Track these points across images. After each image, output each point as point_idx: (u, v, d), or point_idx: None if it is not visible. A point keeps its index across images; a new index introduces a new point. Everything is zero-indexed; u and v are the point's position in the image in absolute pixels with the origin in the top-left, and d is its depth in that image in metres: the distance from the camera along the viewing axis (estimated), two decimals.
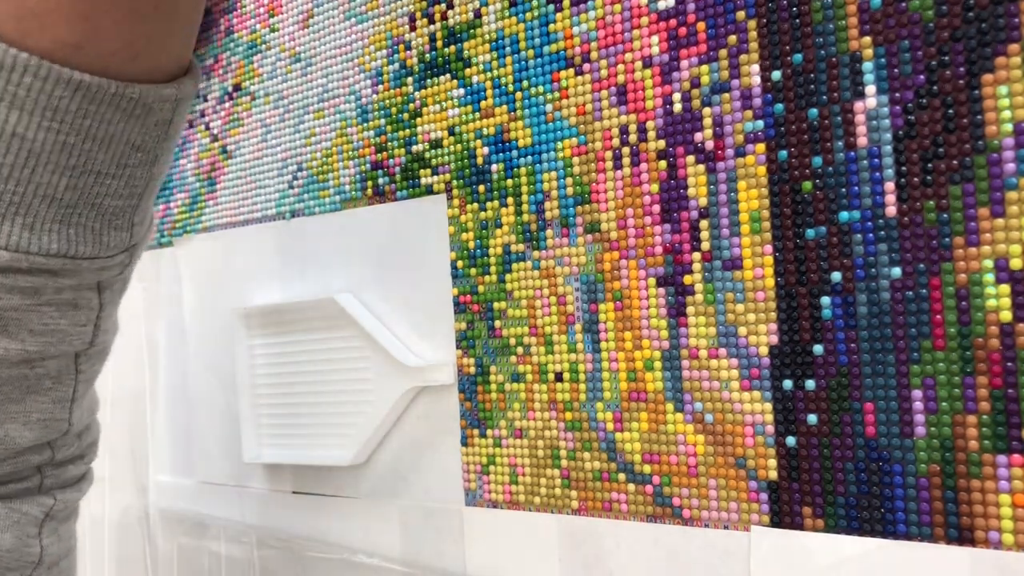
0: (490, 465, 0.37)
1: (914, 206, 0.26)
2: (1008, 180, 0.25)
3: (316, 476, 0.44)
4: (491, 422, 0.37)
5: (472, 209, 0.37)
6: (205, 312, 0.50)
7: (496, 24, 0.36)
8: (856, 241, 0.27)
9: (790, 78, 0.29)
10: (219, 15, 0.48)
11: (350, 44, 0.41)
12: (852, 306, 0.28)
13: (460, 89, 0.37)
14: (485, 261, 0.37)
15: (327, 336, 0.41)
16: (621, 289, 0.33)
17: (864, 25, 0.27)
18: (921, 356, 0.26)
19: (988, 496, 0.25)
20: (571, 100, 0.34)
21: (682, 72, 0.31)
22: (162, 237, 0.52)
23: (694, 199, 0.31)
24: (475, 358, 0.37)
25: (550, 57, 0.34)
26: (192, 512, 0.51)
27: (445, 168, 0.38)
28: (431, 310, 0.39)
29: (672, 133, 0.31)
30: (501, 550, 0.36)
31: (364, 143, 0.41)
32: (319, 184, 0.43)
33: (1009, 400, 0.25)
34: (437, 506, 0.39)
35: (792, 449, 0.29)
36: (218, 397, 0.49)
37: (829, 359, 0.28)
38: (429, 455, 0.39)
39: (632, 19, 0.32)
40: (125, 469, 0.56)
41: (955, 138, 0.26)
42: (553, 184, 0.35)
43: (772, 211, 0.29)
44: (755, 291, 0.30)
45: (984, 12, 0.25)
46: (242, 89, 0.47)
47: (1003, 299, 0.25)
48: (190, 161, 0.50)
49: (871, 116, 0.27)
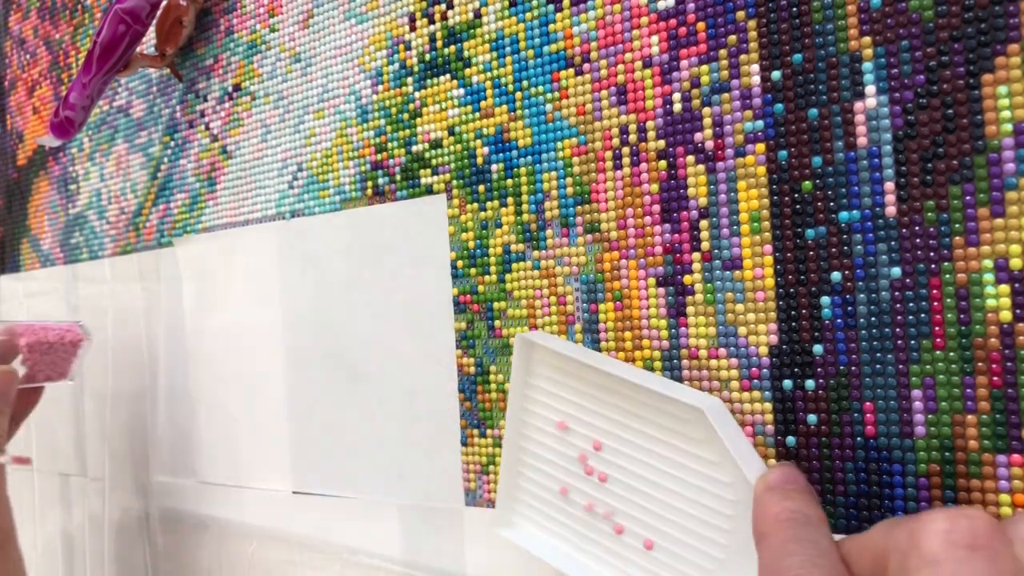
0: (490, 465, 0.37)
1: (914, 206, 0.26)
2: (1008, 180, 0.25)
3: (316, 476, 0.44)
4: (491, 422, 0.37)
5: (472, 209, 0.37)
6: (201, 311, 0.50)
7: (496, 24, 0.36)
8: (856, 241, 0.27)
9: (790, 78, 0.29)
10: (219, 15, 0.48)
11: (350, 44, 0.42)
12: (852, 306, 0.28)
13: (460, 89, 0.37)
14: (485, 261, 0.37)
15: (663, 428, 0.30)
16: (621, 289, 0.33)
17: (864, 25, 0.27)
18: (921, 356, 0.26)
19: (988, 496, 0.25)
20: (571, 100, 0.34)
21: (682, 72, 0.31)
22: (162, 237, 0.52)
23: (694, 199, 0.31)
24: (475, 358, 0.37)
25: (550, 57, 0.34)
26: (192, 512, 0.51)
27: (445, 168, 0.38)
28: (431, 310, 0.39)
29: (672, 133, 0.31)
30: (501, 550, 0.36)
31: (364, 143, 0.41)
32: (319, 184, 0.43)
33: (1009, 400, 0.25)
34: (437, 506, 0.39)
35: (792, 449, 0.29)
36: (219, 398, 0.49)
37: (829, 359, 0.28)
38: (429, 455, 0.39)
39: (632, 19, 0.32)
40: (125, 469, 0.56)
41: (955, 138, 0.26)
42: (553, 184, 0.35)
43: (772, 211, 0.29)
44: (755, 291, 0.30)
45: (984, 12, 0.25)
46: (242, 89, 0.47)
47: (1003, 299, 0.25)
48: (190, 161, 0.50)
49: (871, 116, 0.27)
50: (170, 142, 0.52)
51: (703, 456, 0.28)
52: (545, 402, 0.33)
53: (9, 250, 0.66)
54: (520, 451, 0.34)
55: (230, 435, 0.48)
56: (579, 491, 0.32)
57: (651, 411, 0.30)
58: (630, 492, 0.31)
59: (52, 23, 0.61)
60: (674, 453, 0.29)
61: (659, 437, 0.30)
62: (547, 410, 0.33)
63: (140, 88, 0.54)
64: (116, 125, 0.56)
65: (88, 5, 0.57)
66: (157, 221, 0.53)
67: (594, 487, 0.32)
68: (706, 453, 0.28)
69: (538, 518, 0.34)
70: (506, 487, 0.34)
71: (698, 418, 0.28)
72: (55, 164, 0.61)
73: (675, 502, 0.29)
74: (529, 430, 0.33)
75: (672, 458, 0.29)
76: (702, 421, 0.28)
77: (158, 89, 0.52)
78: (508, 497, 0.34)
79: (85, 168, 0.58)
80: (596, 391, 0.31)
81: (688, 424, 0.29)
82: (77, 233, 0.59)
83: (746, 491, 0.27)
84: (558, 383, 0.32)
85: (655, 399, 0.30)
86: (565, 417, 0.32)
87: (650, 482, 0.30)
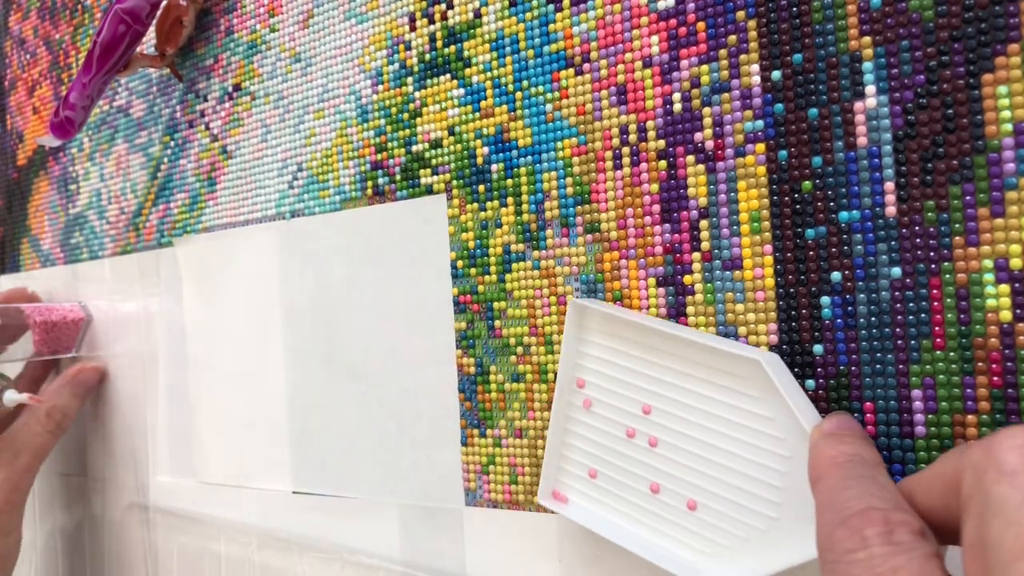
0: (490, 465, 0.37)
1: (914, 206, 0.26)
2: (1008, 180, 0.25)
3: (316, 476, 0.44)
4: (491, 422, 0.37)
5: (472, 209, 0.37)
6: (206, 310, 0.50)
7: (496, 24, 0.36)
8: (856, 241, 0.27)
9: (790, 78, 0.29)
10: (219, 15, 0.48)
11: (350, 44, 0.42)
12: (852, 306, 0.28)
13: (460, 89, 0.37)
14: (485, 261, 0.37)
15: (716, 386, 0.29)
16: (621, 289, 0.33)
17: (864, 25, 0.27)
18: (921, 356, 0.26)
19: None
20: (571, 100, 0.34)
21: (682, 72, 0.31)
22: (162, 237, 0.52)
23: (694, 199, 0.31)
24: (475, 358, 0.37)
25: (550, 57, 0.34)
26: (192, 512, 0.51)
27: (445, 168, 0.38)
28: (431, 310, 0.39)
29: (672, 133, 0.31)
30: (501, 550, 0.36)
31: (364, 143, 0.41)
32: (319, 184, 0.43)
33: (1009, 400, 0.25)
34: (437, 506, 0.39)
35: None
36: (219, 398, 0.49)
37: (829, 359, 0.28)
38: (429, 455, 0.39)
39: (632, 19, 0.32)
40: (125, 469, 0.56)
41: (955, 138, 0.26)
42: (553, 184, 0.35)
43: (772, 211, 0.29)
44: (755, 291, 0.30)
45: (984, 12, 0.25)
46: (242, 89, 0.47)
47: (1003, 299, 0.25)
48: (190, 161, 0.50)
49: (871, 116, 0.27)
50: (170, 142, 0.52)
51: (757, 412, 0.28)
52: (596, 369, 0.32)
53: (9, 250, 0.66)
54: (568, 420, 0.33)
55: (230, 435, 0.48)
56: (626, 457, 0.32)
57: (704, 369, 0.29)
58: (680, 455, 0.30)
59: (52, 23, 0.61)
60: (727, 411, 0.29)
61: (712, 396, 0.29)
62: (598, 377, 0.32)
63: (140, 88, 0.54)
64: (116, 125, 0.56)
65: (88, 5, 0.57)
66: (157, 221, 0.53)
67: (643, 452, 0.31)
68: (760, 409, 0.28)
69: (584, 488, 0.33)
70: (552, 457, 0.34)
71: (754, 371, 0.28)
72: (55, 164, 0.61)
73: (726, 461, 0.29)
74: (577, 398, 0.33)
75: (724, 416, 0.29)
76: (758, 374, 0.28)
77: (158, 89, 0.52)
78: (552, 467, 0.34)
79: (85, 168, 0.58)
80: (647, 354, 0.31)
81: (742, 380, 0.28)
82: (77, 233, 0.59)
83: (802, 444, 0.27)
84: (610, 349, 0.32)
85: (709, 355, 0.29)
86: (615, 383, 0.32)
87: (701, 443, 0.29)
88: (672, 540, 0.30)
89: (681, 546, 0.30)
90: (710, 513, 0.29)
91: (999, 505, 0.18)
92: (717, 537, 0.29)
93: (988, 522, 0.18)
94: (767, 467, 0.28)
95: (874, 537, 0.20)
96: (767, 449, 0.28)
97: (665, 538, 0.30)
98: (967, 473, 0.19)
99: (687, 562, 0.29)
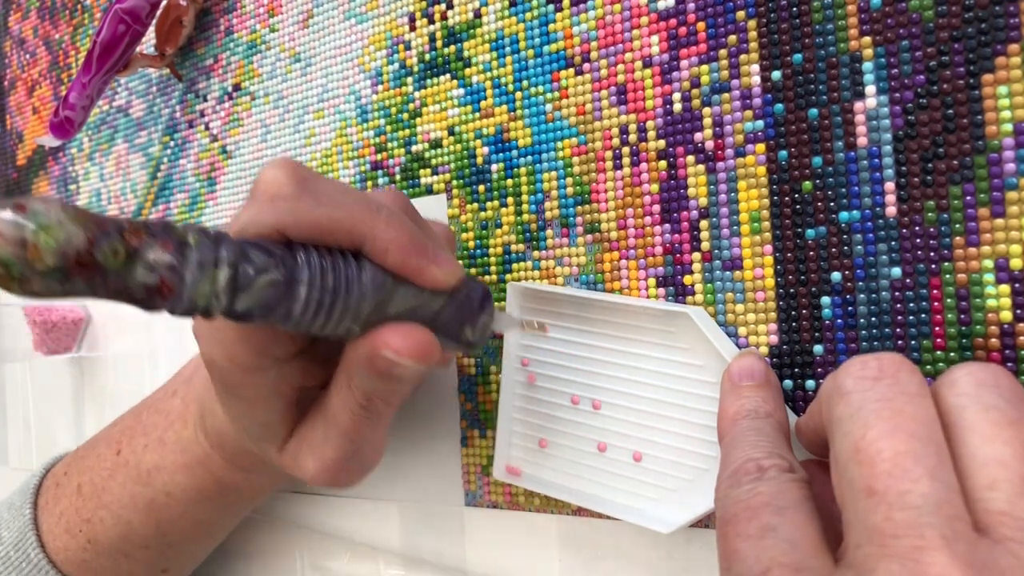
0: (490, 466, 0.37)
1: (914, 206, 0.26)
2: (1008, 180, 0.25)
3: None
4: (491, 422, 0.37)
5: (472, 209, 0.37)
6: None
7: (496, 24, 0.36)
8: (856, 241, 0.27)
9: (790, 78, 0.29)
10: (219, 15, 0.48)
11: (350, 44, 0.41)
12: (852, 306, 0.28)
13: (460, 89, 0.37)
14: (485, 261, 0.37)
15: (649, 344, 0.31)
16: (621, 289, 0.33)
17: (864, 25, 0.27)
18: (921, 356, 0.26)
19: None
20: (571, 100, 0.34)
21: (682, 72, 0.31)
22: None
23: (694, 199, 0.31)
24: (475, 358, 0.37)
25: (550, 57, 0.34)
26: None
27: (445, 168, 0.38)
28: None
29: (672, 133, 0.31)
30: (501, 550, 0.36)
31: (364, 143, 0.41)
32: None
33: None
34: (437, 506, 0.39)
35: None
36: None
37: (829, 359, 0.28)
38: (429, 455, 0.39)
39: (632, 19, 0.32)
40: None
41: (955, 138, 0.26)
42: (553, 184, 0.35)
43: (772, 211, 0.29)
44: (755, 291, 0.30)
45: (984, 12, 0.25)
46: (242, 89, 0.47)
47: (1003, 299, 0.25)
48: (190, 161, 0.50)
49: (871, 116, 0.27)
50: (170, 142, 0.52)
51: (689, 362, 0.30)
52: (538, 346, 0.34)
53: None
54: (515, 398, 0.35)
55: None
56: (573, 423, 0.33)
57: (637, 331, 0.31)
58: (623, 412, 0.32)
59: (52, 23, 0.61)
60: (661, 366, 0.31)
61: (646, 354, 0.31)
62: (540, 353, 0.34)
63: (140, 88, 0.54)
64: (116, 125, 0.56)
65: (88, 5, 0.57)
66: None
67: (588, 416, 0.33)
68: (691, 359, 0.30)
69: (536, 459, 0.34)
70: (503, 435, 0.35)
71: (684, 325, 0.30)
72: (55, 164, 0.61)
73: (666, 411, 0.31)
74: (522, 376, 0.35)
75: (660, 371, 0.31)
76: (688, 327, 0.30)
77: (158, 89, 0.52)
78: (504, 444, 0.35)
79: (85, 168, 0.58)
80: (583, 324, 0.33)
81: (673, 334, 0.30)
82: None
83: None
84: (548, 324, 0.34)
85: (640, 316, 0.31)
86: (556, 356, 0.34)
87: (641, 398, 0.31)
88: (623, 493, 0.32)
89: (632, 497, 0.31)
90: (655, 462, 0.31)
91: (838, 422, 0.21)
92: (664, 483, 0.31)
93: (833, 437, 0.21)
94: (703, 411, 0.30)
95: (747, 480, 0.23)
96: (701, 394, 0.30)
97: (616, 492, 0.32)
98: (824, 403, 0.22)
99: (639, 510, 0.31)
